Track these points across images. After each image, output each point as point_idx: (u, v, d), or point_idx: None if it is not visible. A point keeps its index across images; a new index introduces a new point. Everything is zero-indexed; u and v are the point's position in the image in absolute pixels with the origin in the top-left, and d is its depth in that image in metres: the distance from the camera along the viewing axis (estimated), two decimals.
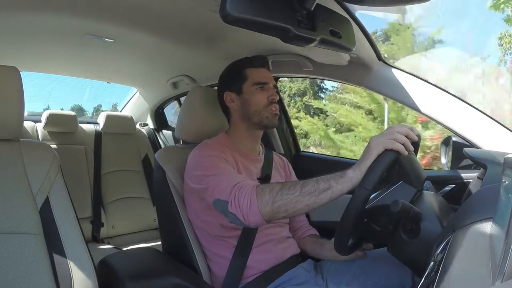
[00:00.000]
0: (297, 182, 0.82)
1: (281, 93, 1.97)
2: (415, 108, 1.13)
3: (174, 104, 2.45)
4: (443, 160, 1.22)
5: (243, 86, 1.11)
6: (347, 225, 0.79)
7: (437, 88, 1.13)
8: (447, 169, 1.20)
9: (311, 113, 10.28)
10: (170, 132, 2.53)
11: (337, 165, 1.61)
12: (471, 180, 1.03)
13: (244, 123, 1.12)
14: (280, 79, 2.12)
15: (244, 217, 0.83)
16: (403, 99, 1.16)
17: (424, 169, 1.35)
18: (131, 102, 2.62)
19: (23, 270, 0.84)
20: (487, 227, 0.55)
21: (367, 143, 0.81)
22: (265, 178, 1.12)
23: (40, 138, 2.04)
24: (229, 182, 0.89)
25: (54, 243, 0.89)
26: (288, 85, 14.30)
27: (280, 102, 1.38)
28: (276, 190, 0.81)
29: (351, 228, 0.80)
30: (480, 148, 1.03)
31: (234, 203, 0.85)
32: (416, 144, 1.03)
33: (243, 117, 1.12)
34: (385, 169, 0.77)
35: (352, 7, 0.96)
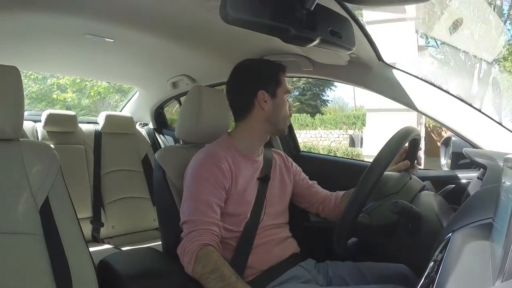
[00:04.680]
0: (223, 277, 0.87)
1: None
2: (415, 108, 1.13)
3: None
4: (443, 160, 1.22)
5: (278, 91, 1.09)
6: (347, 221, 0.80)
7: (437, 88, 1.13)
8: (447, 169, 1.20)
9: None
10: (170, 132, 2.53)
11: (336, 165, 1.62)
12: (471, 180, 1.03)
13: (264, 126, 1.10)
14: None
15: (183, 264, 0.93)
16: (403, 99, 1.16)
17: (424, 169, 1.36)
18: (131, 102, 2.61)
19: (22, 270, 0.83)
20: (487, 227, 0.55)
21: None
22: (264, 178, 1.12)
23: (39, 138, 2.04)
24: (192, 225, 0.95)
25: (54, 243, 0.88)
26: None
27: None
28: (208, 270, 0.88)
29: (351, 224, 0.81)
30: (480, 148, 1.03)
31: (180, 250, 0.94)
32: (416, 145, 1.03)
33: (267, 120, 1.09)
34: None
35: (352, 7, 0.96)
